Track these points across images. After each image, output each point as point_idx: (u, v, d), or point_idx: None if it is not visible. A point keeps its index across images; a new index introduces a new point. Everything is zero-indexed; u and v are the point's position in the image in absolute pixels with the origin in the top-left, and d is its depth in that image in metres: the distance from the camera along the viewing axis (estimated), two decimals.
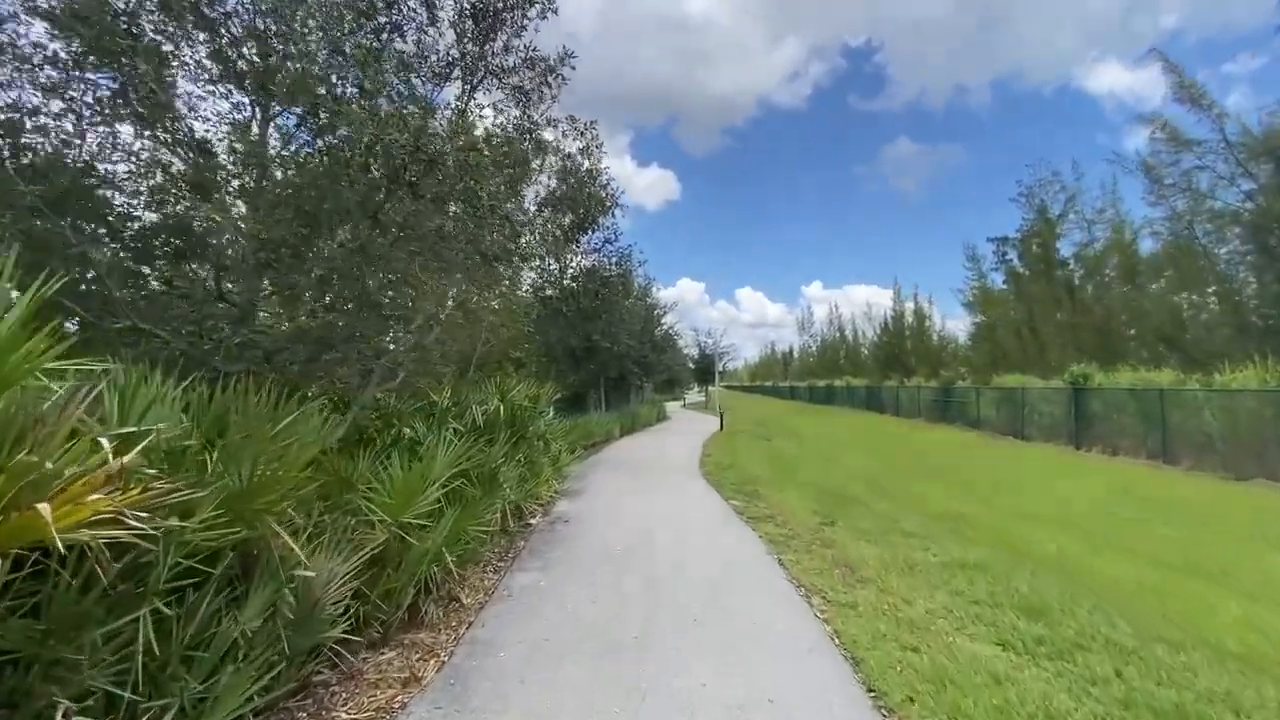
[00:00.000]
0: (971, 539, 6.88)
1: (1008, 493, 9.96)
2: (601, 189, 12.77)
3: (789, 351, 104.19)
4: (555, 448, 9.70)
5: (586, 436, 15.67)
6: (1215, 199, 22.15)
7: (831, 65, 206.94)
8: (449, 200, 4.49)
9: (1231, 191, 21.86)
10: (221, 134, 4.71)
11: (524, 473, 7.44)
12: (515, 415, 7.74)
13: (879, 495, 9.52)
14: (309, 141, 4.33)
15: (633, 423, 22.13)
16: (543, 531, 7.18)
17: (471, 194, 4.36)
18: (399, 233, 4.65)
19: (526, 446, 7.68)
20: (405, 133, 4.01)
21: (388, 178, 4.26)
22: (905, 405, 31.22)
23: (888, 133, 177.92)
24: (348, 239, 3.83)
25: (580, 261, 13.48)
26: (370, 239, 4.07)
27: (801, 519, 7.88)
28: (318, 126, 4.15)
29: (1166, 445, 13.50)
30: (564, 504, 8.74)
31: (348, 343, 4.36)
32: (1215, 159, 21.62)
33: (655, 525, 7.43)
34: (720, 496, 9.44)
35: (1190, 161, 22.35)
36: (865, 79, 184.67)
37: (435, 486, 4.55)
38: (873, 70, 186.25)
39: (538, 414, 8.38)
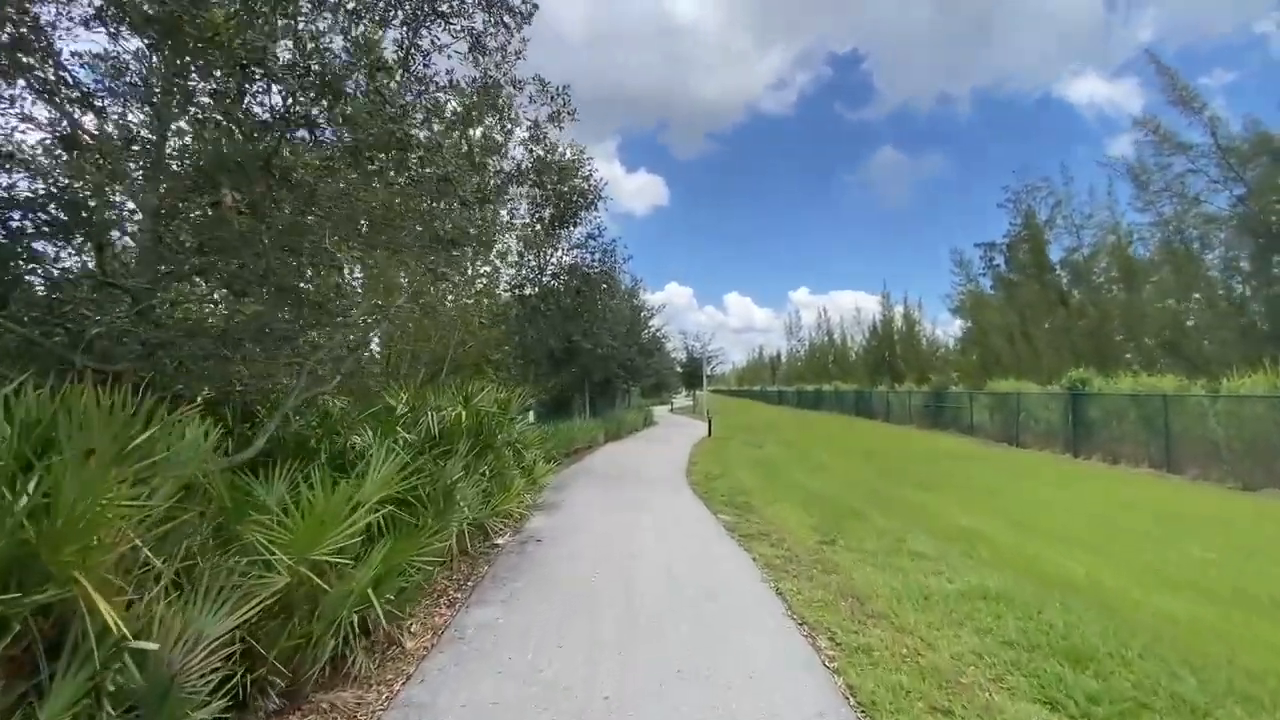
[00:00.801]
0: (986, 560, 6.19)
1: (1013, 504, 9.33)
2: (584, 180, 12.06)
3: (776, 356, 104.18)
4: (530, 457, 8.91)
5: (568, 444, 14.86)
6: (1207, 202, 22.02)
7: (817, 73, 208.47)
8: (369, 152, 3.73)
9: (1223, 195, 21.75)
10: (115, 86, 3.90)
11: (490, 487, 6.64)
12: (481, 423, 6.94)
13: (879, 508, 8.83)
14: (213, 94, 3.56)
15: (618, 428, 21.34)
16: (511, 554, 6.37)
17: (393, 139, 3.57)
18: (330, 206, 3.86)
19: (494, 457, 6.87)
20: (298, 53, 3.25)
21: (278, 114, 3.48)
22: (896, 410, 30.74)
23: (873, 141, 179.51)
24: (237, 196, 3.08)
25: (561, 258, 12.74)
26: (263, 198, 3.30)
27: (799, 537, 7.16)
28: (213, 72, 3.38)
29: (1170, 453, 13.00)
30: (538, 520, 7.94)
31: (261, 338, 3.58)
32: (1208, 162, 21.47)
33: (637, 545, 6.66)
34: (709, 510, 8.70)
35: (1182, 165, 22.19)
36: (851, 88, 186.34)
37: (365, 511, 3.74)
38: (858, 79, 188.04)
39: (508, 421, 7.58)
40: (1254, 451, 11.22)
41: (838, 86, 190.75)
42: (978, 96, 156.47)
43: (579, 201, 12.14)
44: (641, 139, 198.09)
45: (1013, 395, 19.48)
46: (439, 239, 5.04)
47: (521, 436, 8.75)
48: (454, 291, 12.62)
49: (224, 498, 3.08)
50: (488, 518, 6.35)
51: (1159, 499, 10.05)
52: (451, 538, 5.37)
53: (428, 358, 12.33)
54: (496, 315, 13.57)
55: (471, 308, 13.21)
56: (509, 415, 7.63)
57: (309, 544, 3.18)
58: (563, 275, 12.78)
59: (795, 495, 9.80)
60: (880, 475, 12.16)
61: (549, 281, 12.65)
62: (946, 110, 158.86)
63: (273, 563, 3.04)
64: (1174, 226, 23.18)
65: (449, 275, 6.00)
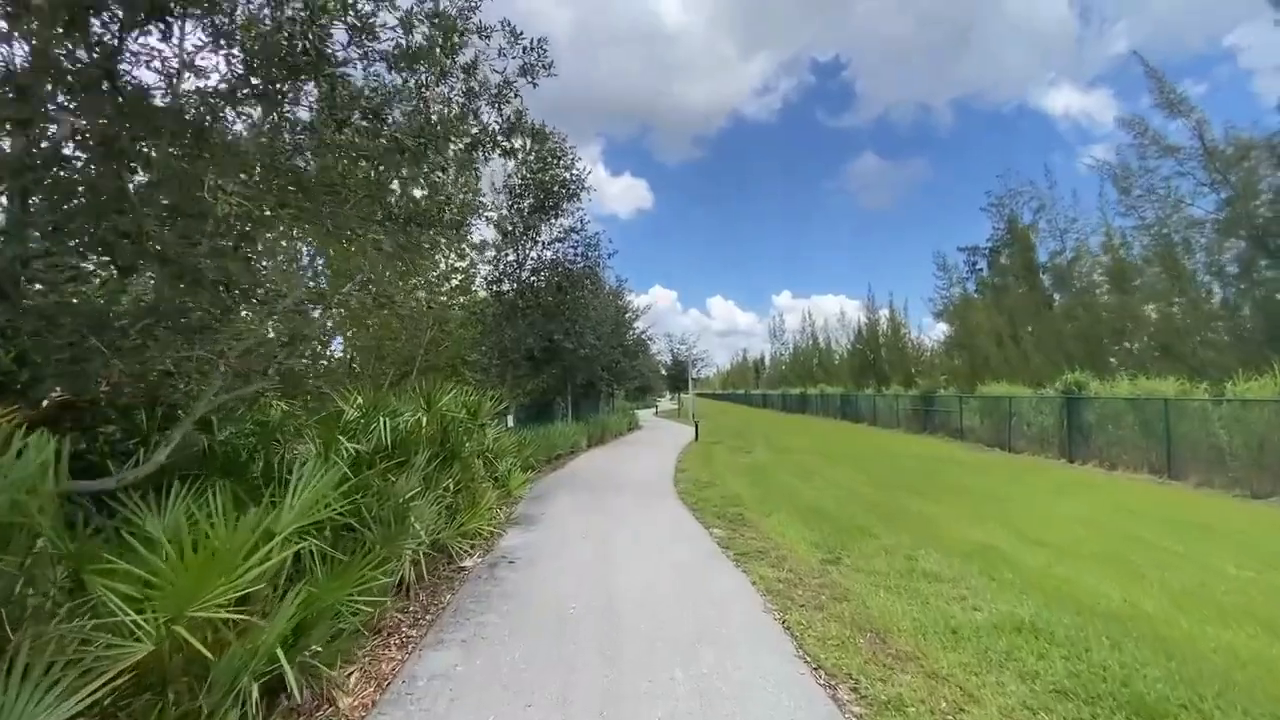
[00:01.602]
0: (1010, 583, 5.57)
1: (1021, 515, 8.78)
2: (566, 170, 11.30)
3: (760, 359, 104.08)
4: (505, 466, 8.14)
5: (549, 450, 14.07)
6: (1193, 205, 21.97)
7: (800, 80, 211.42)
8: (261, 75, 2.98)
9: (1209, 199, 21.70)
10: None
11: (456, 503, 5.87)
12: (447, 429, 6.17)
13: (881, 520, 8.21)
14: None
15: (602, 433, 20.59)
16: (478, 579, 5.60)
17: (301, 60, 2.81)
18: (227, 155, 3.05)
19: (461, 469, 6.10)
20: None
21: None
22: (883, 414, 30.39)
23: (854, 148, 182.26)
24: (79, 123, 2.31)
25: (541, 253, 11.95)
26: (114, 130, 2.51)
27: (800, 555, 6.49)
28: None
29: (1171, 459, 12.62)
30: (513, 537, 7.17)
31: (149, 324, 2.81)
32: (1195, 165, 21.39)
33: (621, 568, 5.93)
34: (700, 524, 8.00)
35: (1169, 168, 22.10)
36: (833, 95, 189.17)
37: (282, 544, 2.98)
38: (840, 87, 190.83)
39: (479, 427, 6.82)
40: (1261, 458, 10.85)
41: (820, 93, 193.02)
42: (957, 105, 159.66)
43: (560, 192, 11.42)
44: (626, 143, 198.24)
45: (1005, 399, 19.12)
46: (392, 216, 4.29)
47: (495, 444, 7.99)
48: (425, 286, 11.82)
49: (56, 535, 2.29)
50: (452, 538, 5.57)
51: (1169, 508, 9.59)
52: (405, 565, 4.60)
53: (396, 358, 11.49)
54: (473, 313, 12.77)
55: (444, 305, 12.40)
56: (479, 421, 6.86)
57: (190, 595, 2.41)
58: (543, 271, 12.02)
59: (791, 506, 9.15)
60: (876, 483, 11.58)
61: (528, 278, 11.87)
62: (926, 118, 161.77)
63: (141, 622, 2.27)
64: (1159, 230, 23.17)
65: (407, 260, 5.21)
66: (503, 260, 11.75)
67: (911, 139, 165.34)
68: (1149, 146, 22.09)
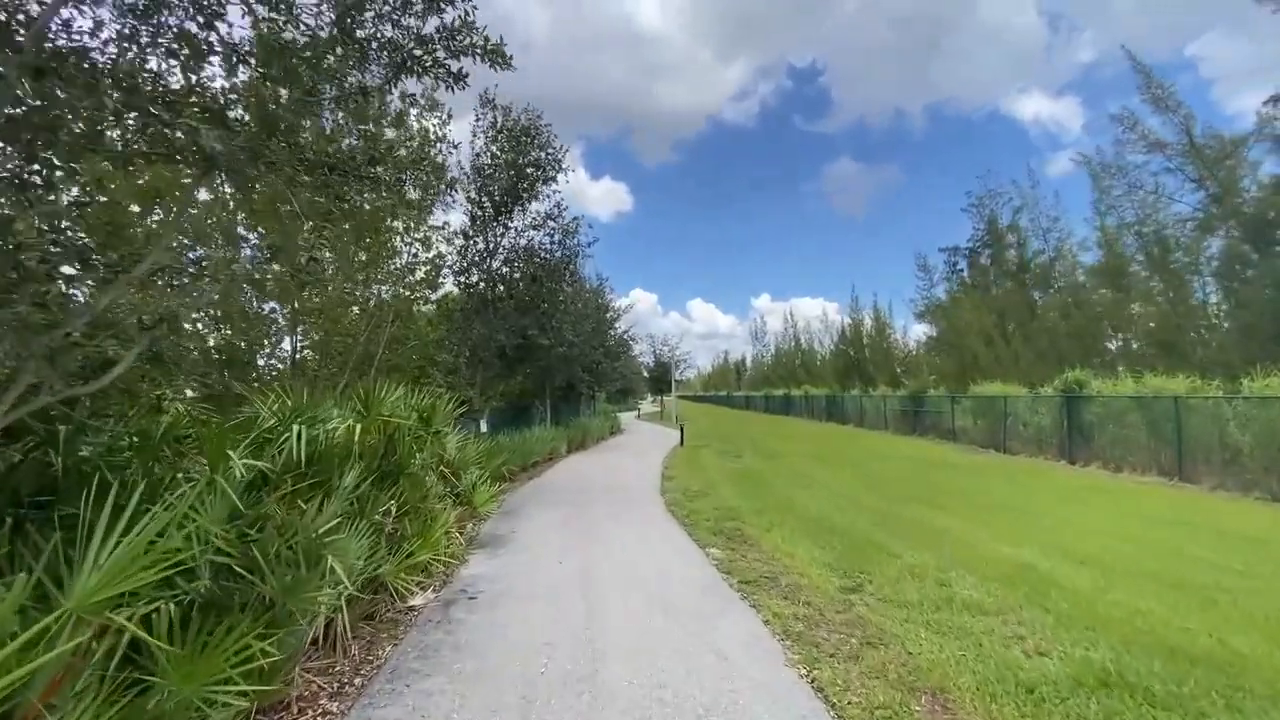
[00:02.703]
0: (1069, 616, 4.68)
1: (1045, 526, 7.98)
2: (541, 150, 10.23)
3: (741, 361, 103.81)
4: (470, 480, 7.05)
5: (525, 457, 12.97)
6: (1181, 201, 21.75)
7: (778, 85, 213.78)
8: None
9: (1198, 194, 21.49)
10: None
11: (402, 530, 4.79)
12: (392, 439, 5.09)
13: (896, 534, 7.33)
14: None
15: (583, 437, 19.52)
16: (429, 625, 4.53)
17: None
18: None
19: (409, 487, 5.01)
20: None
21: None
22: (870, 415, 29.81)
23: (831, 152, 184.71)
24: None
25: (515, 240, 10.85)
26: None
27: (814, 581, 5.54)
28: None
29: (1182, 461, 12.01)
30: (477, 564, 6.10)
31: None
32: (1184, 160, 21.16)
33: (605, 605, 4.91)
34: (694, 543, 7.01)
35: (1157, 164, 21.87)
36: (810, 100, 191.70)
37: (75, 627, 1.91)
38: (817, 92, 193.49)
39: (433, 435, 5.74)
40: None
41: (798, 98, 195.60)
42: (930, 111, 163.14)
43: (534, 174, 10.37)
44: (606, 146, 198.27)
45: (999, 399, 18.52)
46: (305, 160, 3.23)
47: (458, 454, 6.90)
48: (388, 278, 10.66)
49: None
50: (395, 575, 4.48)
51: (1198, 514, 8.87)
52: (319, 619, 3.52)
53: (356, 359, 10.31)
54: (440, 308, 11.64)
55: (408, 299, 11.25)
56: (433, 428, 5.76)
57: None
58: (517, 261, 10.92)
59: (792, 518, 8.22)
60: (879, 491, 10.73)
61: (500, 268, 10.77)
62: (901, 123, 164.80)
63: None
64: (1142, 227, 22.95)
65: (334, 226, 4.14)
66: (471, 249, 10.62)
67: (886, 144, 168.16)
68: (1138, 142, 21.84)
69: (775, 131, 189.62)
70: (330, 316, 8.84)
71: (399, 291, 10.42)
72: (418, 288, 11.40)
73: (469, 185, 10.31)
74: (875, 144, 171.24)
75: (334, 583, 3.44)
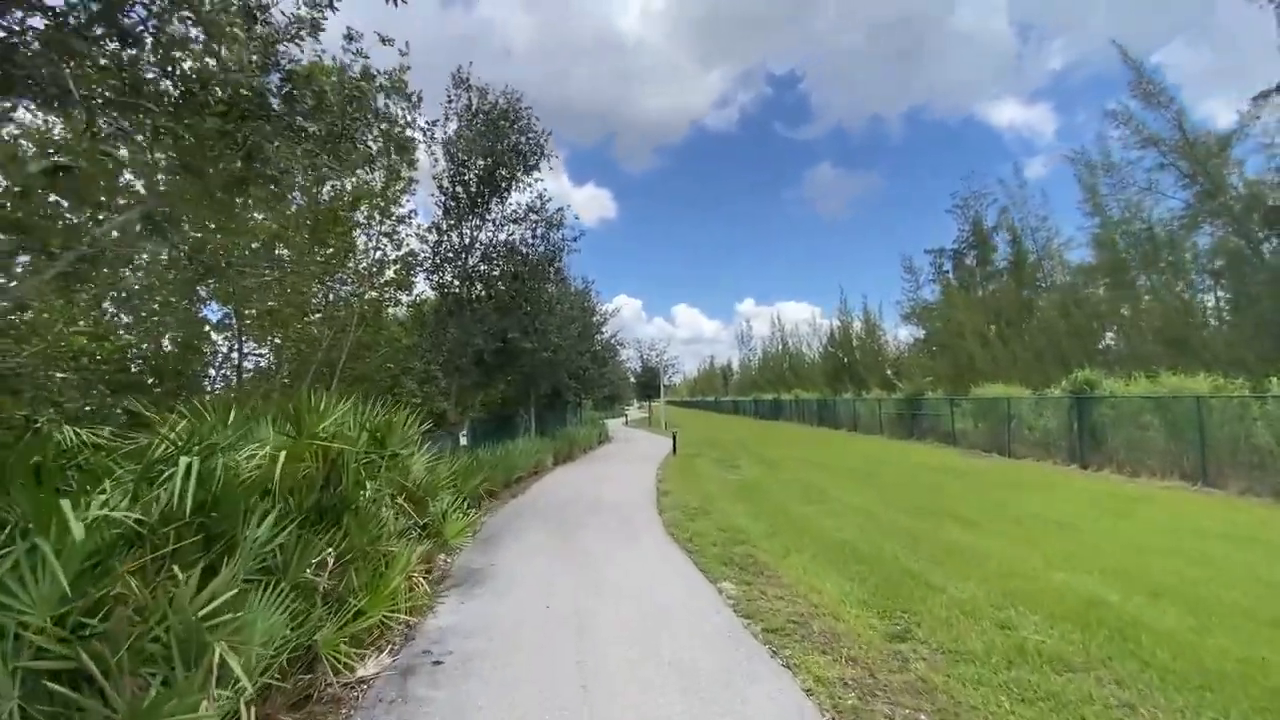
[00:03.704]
0: (1176, 673, 3.80)
1: (1089, 544, 7.17)
2: (521, 134, 9.24)
3: (728, 365, 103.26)
4: (441, 506, 6.04)
5: (508, 472, 11.92)
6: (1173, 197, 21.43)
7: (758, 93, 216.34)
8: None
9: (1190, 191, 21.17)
10: None
11: (344, 583, 3.77)
12: (336, 466, 4.08)
13: (929, 559, 6.46)
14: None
15: (569, 448, 18.47)
16: (378, 706, 3.52)
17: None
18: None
19: (356, 527, 3.99)
20: None
21: None
22: (864, 419, 29.15)
23: (812, 158, 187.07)
24: None
25: (494, 235, 9.83)
26: None
27: (853, 626, 4.62)
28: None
29: (1206, 465, 11.35)
30: (446, 611, 5.09)
31: None
32: (1177, 156, 20.83)
33: (604, 666, 3.93)
34: (703, 575, 6.06)
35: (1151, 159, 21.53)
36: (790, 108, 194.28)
37: None
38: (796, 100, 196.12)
39: (389, 459, 4.73)
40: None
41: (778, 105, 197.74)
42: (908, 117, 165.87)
43: (515, 161, 9.39)
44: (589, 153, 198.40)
45: (1002, 400, 17.85)
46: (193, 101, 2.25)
47: (427, 476, 5.87)
48: (351, 277, 9.60)
49: None
50: (332, 645, 3.47)
51: (1248, 527, 8.11)
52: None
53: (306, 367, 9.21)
54: (415, 313, 10.59)
55: (376, 300, 10.19)
56: (389, 450, 4.75)
57: None
58: (496, 257, 9.91)
59: (809, 542, 7.31)
60: (895, 504, 9.87)
61: (477, 264, 9.75)
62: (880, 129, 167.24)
63: None
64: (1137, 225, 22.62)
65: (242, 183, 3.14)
66: (445, 244, 9.57)
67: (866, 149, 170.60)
68: (1131, 137, 21.47)
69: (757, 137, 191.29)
70: (281, 320, 7.77)
71: (365, 292, 9.36)
72: (387, 289, 10.34)
73: (441, 175, 9.31)
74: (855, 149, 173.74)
75: (224, 683, 2.43)
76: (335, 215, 7.47)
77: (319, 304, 9.29)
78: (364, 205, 8.00)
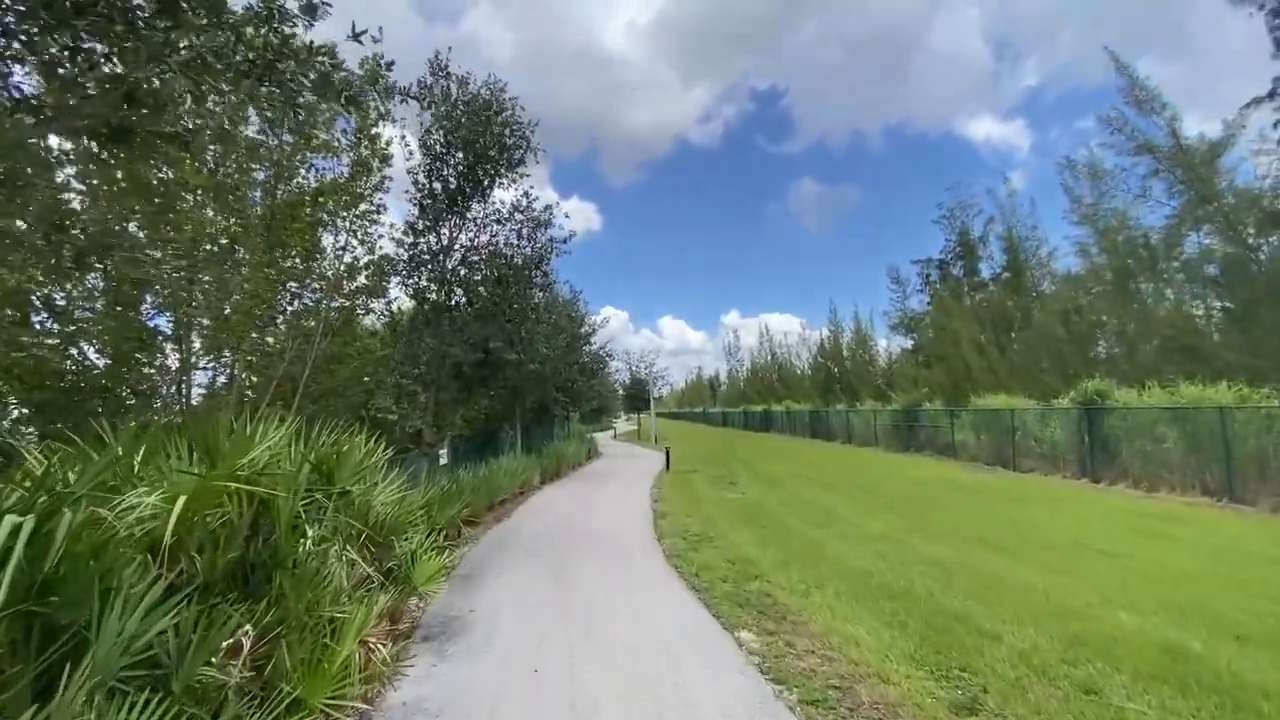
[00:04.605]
0: None
1: (1141, 574, 6.47)
2: (504, 126, 8.45)
3: (715, 376, 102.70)
4: (409, 546, 5.15)
5: (491, 494, 11.00)
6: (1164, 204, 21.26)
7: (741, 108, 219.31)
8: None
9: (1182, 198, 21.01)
10: None
11: (273, 661, 2.90)
12: (267, 510, 3.20)
13: (972, 594, 5.71)
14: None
15: (557, 465, 17.55)
16: None
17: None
18: None
19: (290, 589, 3.12)
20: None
21: None
22: (859, 430, 28.56)
23: (794, 172, 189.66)
24: None
25: (476, 236, 8.97)
26: None
27: (905, 690, 3.82)
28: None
29: (1231, 479, 10.78)
30: (414, 679, 4.20)
31: None
32: (1171, 164, 20.68)
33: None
34: (715, 620, 5.24)
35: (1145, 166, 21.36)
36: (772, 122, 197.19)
37: None
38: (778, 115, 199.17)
39: (336, 497, 3.86)
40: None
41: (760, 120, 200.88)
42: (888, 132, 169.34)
43: (498, 156, 8.60)
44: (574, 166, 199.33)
45: (1006, 412, 17.30)
46: None
47: (392, 511, 4.99)
48: (319, 283, 8.71)
49: None
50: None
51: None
52: None
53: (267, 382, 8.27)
54: (389, 323, 9.71)
55: (346, 308, 9.30)
56: (338, 487, 3.87)
57: None
58: (478, 261, 9.07)
59: (830, 575, 6.52)
60: (912, 526, 9.14)
61: (456, 268, 8.90)
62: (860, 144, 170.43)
63: None
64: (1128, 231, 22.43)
65: None
66: (421, 246, 8.69)
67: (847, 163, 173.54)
68: (1126, 143, 21.30)
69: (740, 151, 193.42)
70: (235, 331, 6.86)
71: (331, 299, 8.47)
72: (358, 296, 9.44)
73: (417, 169, 8.48)
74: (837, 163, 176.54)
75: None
76: (294, 212, 6.64)
77: (280, 312, 8.38)
78: (330, 202, 7.16)
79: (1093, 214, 23.59)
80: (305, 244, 6.77)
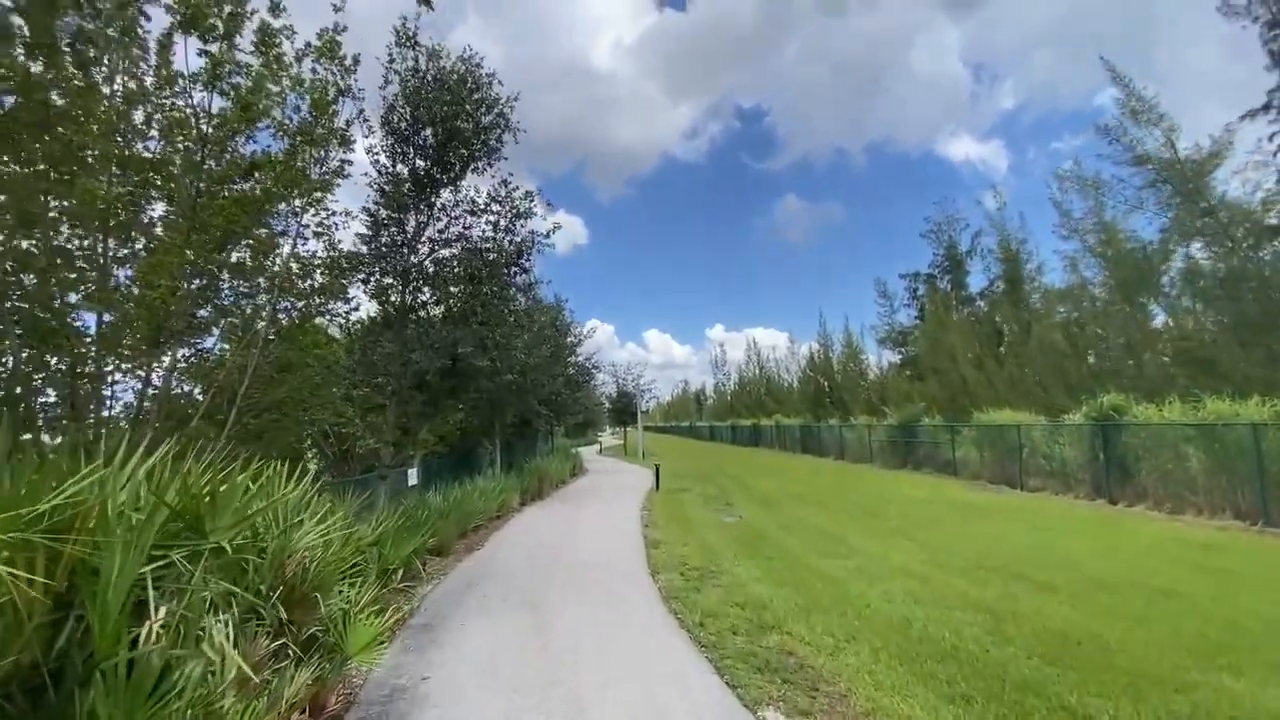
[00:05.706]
0: None
1: (1219, 622, 5.57)
2: (479, 104, 7.47)
3: (701, 390, 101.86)
4: (340, 602, 4.04)
5: (464, 520, 9.83)
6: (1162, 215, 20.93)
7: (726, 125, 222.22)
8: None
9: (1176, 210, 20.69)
10: None
11: None
12: (79, 588, 2.10)
13: (1031, 650, 4.76)
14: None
15: (540, 484, 16.35)
16: None
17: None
18: None
19: (110, 704, 2.04)
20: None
21: None
22: (853, 447, 27.72)
23: (778, 189, 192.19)
24: None
25: (447, 228, 7.87)
26: None
27: None
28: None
29: (1267, 503, 10.00)
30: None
31: None
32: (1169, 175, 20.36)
33: None
34: (733, 695, 4.17)
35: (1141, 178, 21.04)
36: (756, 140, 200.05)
37: None
38: (763, 132, 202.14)
39: (210, 551, 2.77)
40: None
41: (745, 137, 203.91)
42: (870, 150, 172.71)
43: (475, 141, 7.61)
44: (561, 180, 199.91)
45: (1012, 428, 16.51)
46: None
47: (322, 557, 3.88)
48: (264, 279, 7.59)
49: None
50: None
51: None
52: None
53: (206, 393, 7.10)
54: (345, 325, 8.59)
55: (302, 310, 8.17)
56: (209, 541, 2.77)
57: None
58: (449, 257, 8.01)
59: (860, 623, 5.50)
60: (938, 559, 8.18)
61: (423, 263, 7.82)
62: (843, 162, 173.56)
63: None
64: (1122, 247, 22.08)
65: None
66: (384, 237, 7.60)
67: (830, 180, 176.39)
68: (1123, 154, 20.97)
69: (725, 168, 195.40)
70: (148, 330, 5.72)
71: (277, 299, 7.36)
72: (312, 295, 8.32)
73: (378, 149, 7.47)
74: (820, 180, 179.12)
75: None
76: (221, 189, 5.59)
77: (218, 309, 7.26)
78: (271, 182, 6.09)
79: (1095, 225, 23.29)
80: (234, 226, 5.68)
